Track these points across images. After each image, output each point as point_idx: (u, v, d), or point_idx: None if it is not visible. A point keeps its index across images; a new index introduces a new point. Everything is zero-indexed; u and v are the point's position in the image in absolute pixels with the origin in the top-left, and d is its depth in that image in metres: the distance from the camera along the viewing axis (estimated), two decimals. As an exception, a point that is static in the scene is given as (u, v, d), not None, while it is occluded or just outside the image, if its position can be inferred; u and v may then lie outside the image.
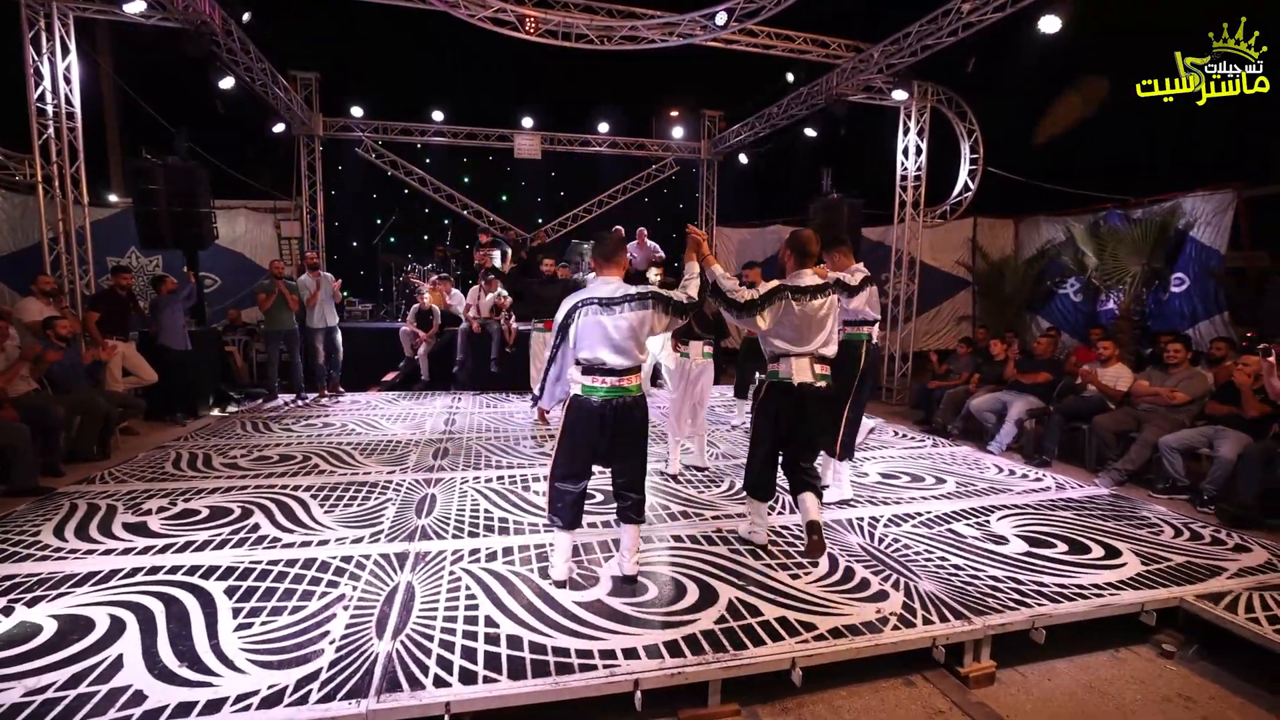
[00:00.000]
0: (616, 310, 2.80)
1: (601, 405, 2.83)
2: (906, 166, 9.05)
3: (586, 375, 2.85)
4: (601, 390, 2.83)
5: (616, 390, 2.84)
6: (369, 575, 3.01)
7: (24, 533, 3.49)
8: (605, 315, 2.80)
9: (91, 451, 5.24)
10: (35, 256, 7.35)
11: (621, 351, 2.81)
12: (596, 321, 2.80)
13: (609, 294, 2.83)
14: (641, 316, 2.84)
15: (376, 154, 11.63)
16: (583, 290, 2.89)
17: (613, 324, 2.79)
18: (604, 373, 2.82)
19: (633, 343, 2.83)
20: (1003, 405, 5.82)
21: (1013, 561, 3.27)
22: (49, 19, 6.87)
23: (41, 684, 2.19)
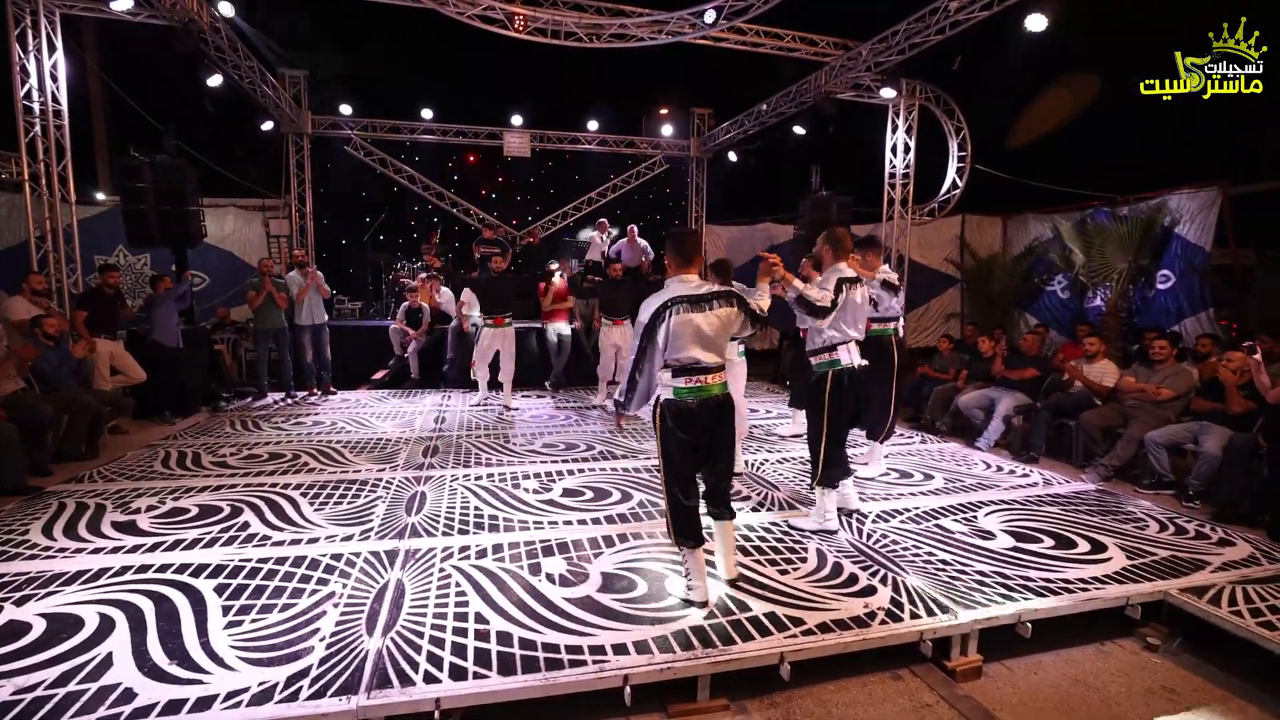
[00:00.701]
0: (706, 307, 2.75)
1: (699, 406, 2.76)
2: (895, 164, 9.11)
3: (679, 377, 2.76)
4: (698, 391, 2.76)
5: (709, 389, 2.78)
6: (359, 573, 3.01)
7: (12, 532, 3.47)
8: (696, 313, 2.73)
9: (80, 450, 5.20)
10: (22, 255, 7.28)
11: (714, 349, 2.77)
12: (688, 320, 2.72)
13: (694, 291, 2.76)
14: (729, 314, 2.80)
15: (365, 152, 11.58)
16: (664, 291, 2.80)
17: (705, 321, 2.73)
18: (699, 372, 2.75)
19: (723, 340, 2.81)
20: (990, 402, 5.87)
21: (1000, 556, 3.30)
22: (35, 16, 6.81)
23: (30, 682, 2.19)
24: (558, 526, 3.62)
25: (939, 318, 11.04)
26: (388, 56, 11.55)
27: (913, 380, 7.46)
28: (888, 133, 9.14)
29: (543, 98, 11.81)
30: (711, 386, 2.78)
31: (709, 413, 2.77)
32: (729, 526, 2.98)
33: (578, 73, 10.66)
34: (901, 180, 9.07)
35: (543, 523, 3.67)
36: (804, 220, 8.81)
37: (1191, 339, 6.48)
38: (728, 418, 2.85)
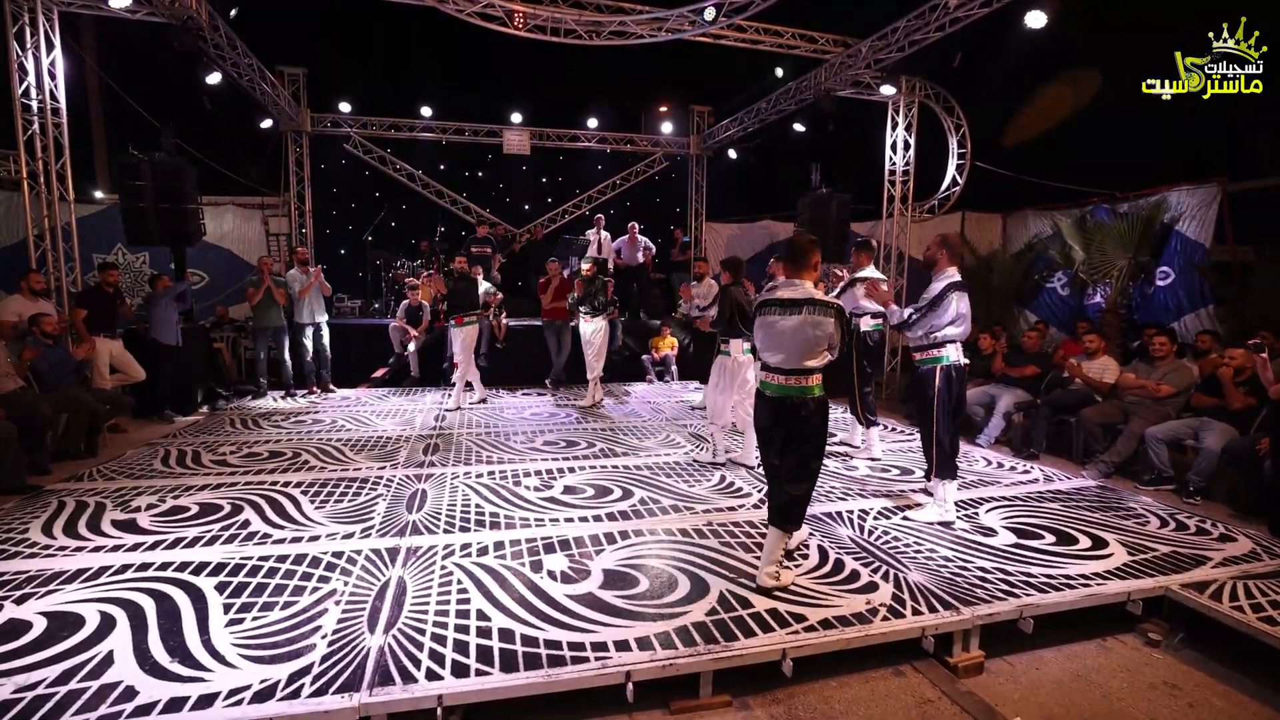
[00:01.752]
0: (792, 313, 2.85)
1: (772, 400, 2.91)
2: (895, 162, 9.09)
3: (763, 372, 3.00)
4: (772, 386, 2.92)
5: (785, 389, 2.88)
6: (360, 570, 3.01)
7: (12, 530, 3.46)
8: (779, 317, 2.89)
9: (79, 449, 5.20)
10: (20, 253, 7.25)
11: (789, 352, 2.86)
12: (770, 322, 2.91)
13: (789, 296, 2.89)
14: (817, 322, 2.83)
15: (364, 150, 11.55)
16: (768, 291, 3.05)
17: (784, 326, 2.86)
18: (773, 370, 2.91)
19: (802, 345, 2.84)
20: (991, 398, 5.87)
21: (1001, 552, 3.30)
22: (33, 14, 6.78)
23: (31, 680, 2.18)
24: (559, 524, 3.62)
25: (938, 315, 11.03)
26: (387, 54, 11.50)
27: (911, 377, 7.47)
28: (887, 130, 9.11)
29: (542, 95, 11.79)
30: (789, 387, 2.87)
31: (782, 409, 2.88)
32: (771, 533, 2.94)
33: (577, 70, 10.63)
34: (901, 177, 9.05)
35: (544, 520, 3.67)
36: (803, 218, 8.80)
37: (1191, 336, 6.48)
38: (800, 423, 2.84)
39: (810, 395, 2.86)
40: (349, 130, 11.20)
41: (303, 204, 10.89)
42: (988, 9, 6.44)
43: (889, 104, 9.08)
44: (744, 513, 3.84)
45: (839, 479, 4.57)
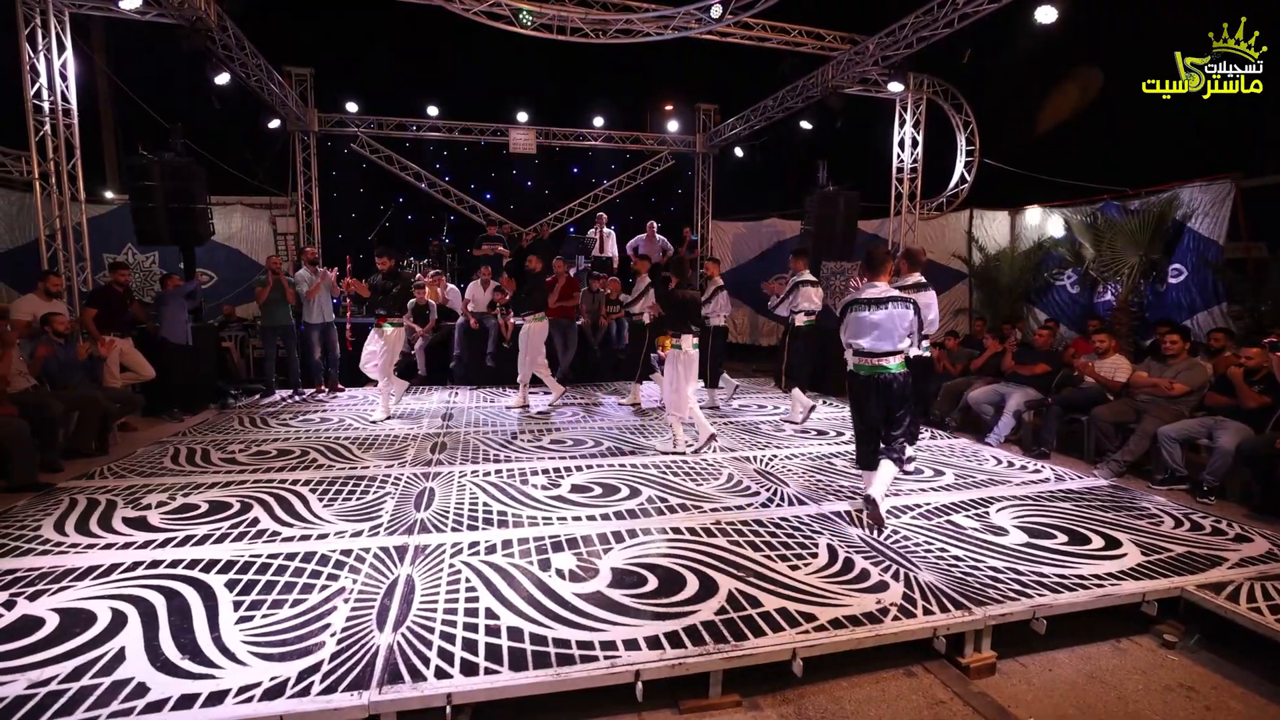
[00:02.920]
0: (879, 309, 3.64)
1: (866, 379, 3.70)
2: (902, 159, 9.06)
3: (856, 356, 3.75)
4: (865, 368, 3.70)
5: (877, 368, 3.67)
6: (369, 568, 3.01)
7: (25, 528, 3.49)
8: (869, 312, 3.66)
9: (90, 447, 5.23)
10: (32, 253, 7.32)
11: (878, 339, 3.63)
12: (860, 317, 3.69)
13: (874, 295, 3.68)
14: (900, 314, 3.63)
15: (371, 149, 11.59)
16: (855, 292, 3.83)
17: (874, 319, 3.63)
18: (865, 355, 3.69)
19: (890, 332, 3.62)
20: (1001, 397, 5.83)
21: (1013, 552, 3.27)
22: (44, 16, 6.84)
23: (44, 676, 2.19)
24: (566, 522, 3.61)
25: (947, 313, 10.96)
26: (393, 54, 11.53)
27: (921, 376, 7.43)
28: (895, 127, 9.08)
29: (548, 94, 11.80)
30: (881, 366, 3.67)
31: (876, 384, 3.68)
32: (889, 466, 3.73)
33: (583, 69, 10.64)
34: (909, 175, 9.02)
35: (551, 518, 3.67)
36: (811, 215, 8.77)
37: (1204, 334, 6.41)
38: (895, 392, 3.67)
39: (898, 371, 3.65)
40: (356, 130, 11.24)
41: (310, 204, 10.94)
42: (996, 4, 6.40)
43: (896, 101, 9.04)
44: (752, 512, 3.83)
45: (848, 478, 4.55)
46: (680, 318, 5.15)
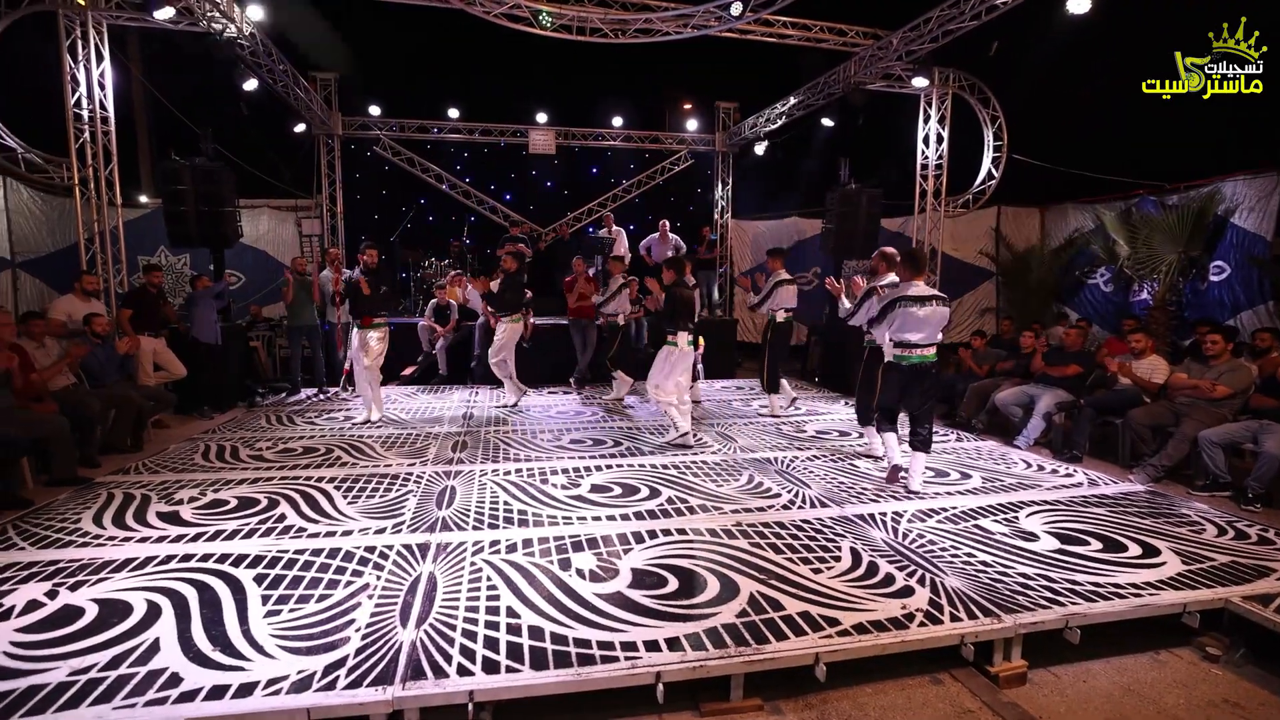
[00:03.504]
0: (924, 305, 4.07)
1: (909, 369, 4.18)
2: (927, 155, 8.90)
3: (898, 348, 4.17)
4: (908, 359, 4.16)
5: (921, 359, 4.15)
6: (392, 565, 3.04)
7: (65, 520, 3.60)
8: (916, 308, 4.07)
9: (125, 444, 5.37)
10: (72, 256, 7.54)
11: (926, 333, 4.12)
12: (909, 312, 4.08)
13: (918, 294, 4.08)
14: (941, 310, 4.12)
15: (393, 152, 11.73)
16: (898, 289, 4.16)
17: (921, 314, 4.07)
18: (910, 346, 4.14)
19: (933, 327, 4.11)
20: (1030, 399, 5.69)
21: (1044, 559, 3.19)
22: (84, 28, 7.04)
23: (85, 664, 2.26)
24: (586, 522, 3.61)
25: (972, 313, 10.77)
26: (415, 57, 11.66)
27: (946, 376, 7.30)
28: (919, 123, 8.92)
29: (567, 95, 11.82)
30: (923, 356, 4.15)
31: (914, 372, 4.18)
32: (922, 458, 4.24)
33: (602, 69, 10.63)
34: (934, 172, 8.85)
35: (571, 518, 3.67)
36: (832, 213, 8.67)
37: (1249, 333, 6.19)
38: (930, 380, 4.22)
39: (936, 361, 4.17)
40: (378, 133, 11.39)
41: (334, 205, 11.11)
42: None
43: (921, 96, 8.88)
44: (773, 513, 3.79)
45: (870, 480, 4.48)
46: (676, 315, 5.32)
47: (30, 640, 2.41)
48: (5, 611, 2.61)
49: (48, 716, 2.00)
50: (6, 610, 2.62)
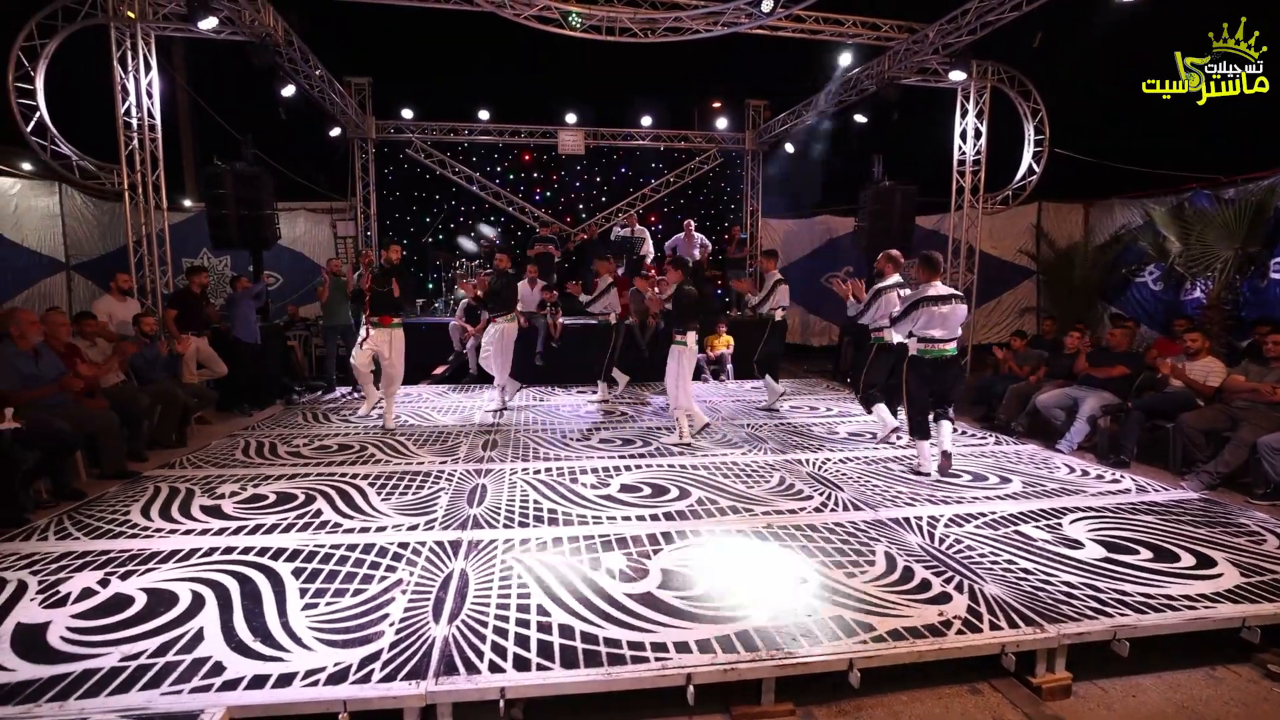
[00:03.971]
0: (944, 304, 4.41)
1: (932, 362, 4.55)
2: (965, 151, 8.68)
3: (922, 344, 4.55)
4: (932, 353, 4.53)
5: (942, 352, 4.53)
6: (424, 561, 3.08)
7: (116, 512, 3.74)
8: (939, 306, 4.41)
9: (170, 439, 5.56)
10: (122, 259, 7.84)
11: (948, 329, 4.48)
12: (933, 310, 4.42)
13: (939, 293, 4.43)
14: (960, 309, 4.48)
15: (425, 154, 11.91)
16: (920, 290, 4.50)
17: (944, 312, 4.41)
18: (934, 341, 4.50)
19: (954, 324, 4.48)
20: (1073, 401, 5.51)
21: (1089, 567, 3.07)
22: (134, 39, 7.31)
23: (135, 650, 2.34)
24: (616, 522, 3.60)
25: (1011, 312, 10.47)
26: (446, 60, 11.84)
27: (984, 377, 7.11)
28: (956, 118, 8.70)
29: (596, 95, 11.85)
30: (944, 350, 4.52)
31: (937, 364, 4.55)
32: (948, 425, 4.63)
33: (631, 68, 10.62)
34: (971, 167, 8.63)
35: (601, 518, 3.67)
36: (865, 211, 8.52)
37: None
38: (954, 371, 4.65)
39: (957, 354, 4.57)
40: (410, 135, 11.58)
41: (368, 208, 11.35)
42: (1070, -16, 6.04)
43: (958, 90, 8.67)
44: (805, 516, 3.73)
45: (906, 484, 4.38)
46: (684, 315, 5.44)
47: (85, 626, 2.51)
48: (63, 598, 2.72)
49: (101, 699, 2.08)
50: (64, 597, 2.73)
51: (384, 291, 5.85)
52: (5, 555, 3.14)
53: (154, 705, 2.05)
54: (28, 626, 2.50)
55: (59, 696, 2.09)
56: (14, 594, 2.75)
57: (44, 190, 8.76)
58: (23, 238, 8.57)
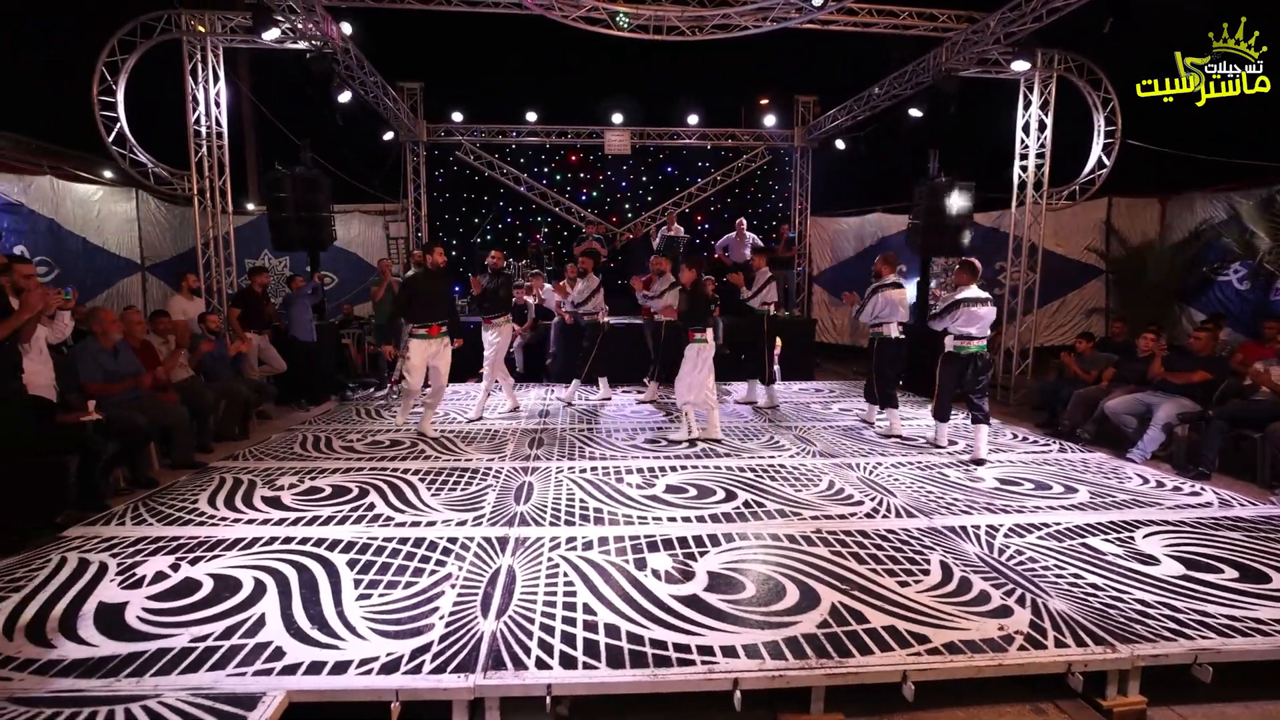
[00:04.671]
0: (982, 305, 4.93)
1: (965, 357, 5.04)
2: (1027, 144, 8.29)
3: (958, 340, 5.05)
4: (966, 349, 5.02)
5: (976, 349, 5.01)
6: (473, 557, 3.12)
7: (185, 501, 3.94)
8: (978, 308, 4.92)
9: (234, 432, 5.82)
10: (190, 260, 8.27)
11: (980, 328, 4.96)
12: (973, 311, 4.92)
13: (976, 295, 4.93)
14: (992, 311, 4.99)
15: (474, 155, 12.14)
16: (959, 292, 5.00)
17: (982, 313, 4.93)
18: (969, 339, 4.99)
19: (986, 323, 4.98)
20: (1146, 408, 5.19)
21: (1166, 585, 2.88)
22: (204, 52, 7.69)
23: (203, 633, 2.46)
24: (662, 523, 3.58)
25: (1077, 313, 9.97)
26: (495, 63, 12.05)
27: (1047, 382, 6.79)
28: (1019, 110, 8.31)
29: (642, 94, 11.86)
30: (978, 347, 5.01)
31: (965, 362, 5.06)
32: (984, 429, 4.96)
33: (677, 66, 10.59)
34: (1035, 161, 8.22)
35: (646, 518, 3.65)
36: (919, 208, 8.24)
37: None
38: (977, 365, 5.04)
39: (987, 351, 5.07)
40: (460, 138, 11.82)
41: (419, 209, 11.64)
42: (1146, -35, 5.69)
43: (1021, 81, 8.29)
44: (856, 522, 3.63)
45: (962, 490, 4.22)
46: (701, 313, 5.55)
47: (158, 608, 2.65)
48: (138, 580, 2.88)
49: (173, 678, 2.18)
50: (139, 579, 2.89)
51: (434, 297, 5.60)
52: (89, 539, 3.35)
53: (220, 685, 2.14)
54: (108, 605, 2.66)
55: (136, 673, 2.21)
56: (96, 574, 2.93)
57: (122, 196, 9.32)
58: (104, 241, 9.14)
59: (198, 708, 2.03)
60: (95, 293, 8.89)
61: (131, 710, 2.01)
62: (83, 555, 3.13)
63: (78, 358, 4.41)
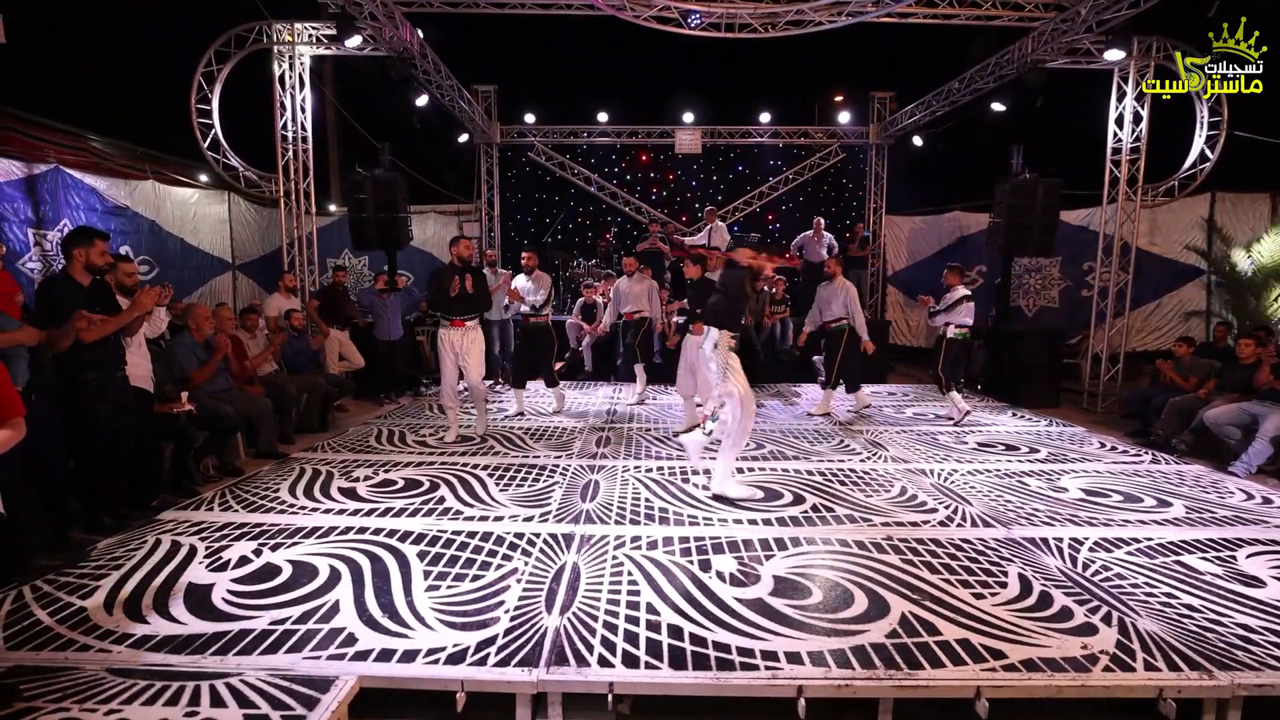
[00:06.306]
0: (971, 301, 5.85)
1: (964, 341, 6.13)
2: (1121, 138, 7.75)
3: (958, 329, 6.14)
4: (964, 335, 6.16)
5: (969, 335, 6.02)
6: (539, 553, 3.19)
7: (268, 489, 4.18)
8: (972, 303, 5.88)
9: (314, 424, 6.15)
10: (277, 259, 8.81)
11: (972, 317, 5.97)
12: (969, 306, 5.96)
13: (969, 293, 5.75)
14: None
15: (546, 156, 12.37)
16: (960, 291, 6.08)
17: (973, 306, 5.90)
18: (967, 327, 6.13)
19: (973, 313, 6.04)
20: (1252, 418, 4.78)
21: (1273, 610, 2.65)
22: (291, 60, 8.18)
23: (282, 616, 2.61)
24: (727, 524, 3.56)
25: (1174, 317, 9.24)
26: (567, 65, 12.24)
27: (1139, 388, 6.35)
28: (1112, 101, 7.77)
29: (713, 93, 11.79)
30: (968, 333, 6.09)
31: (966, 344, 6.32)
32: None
33: (749, 64, 10.47)
34: (1129, 156, 7.66)
35: (712, 519, 3.64)
36: (1001, 206, 7.84)
37: None
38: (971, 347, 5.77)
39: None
40: (532, 139, 12.07)
41: (492, 209, 11.99)
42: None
43: (1114, 71, 7.75)
44: (928, 530, 3.50)
45: (1042, 499, 4.00)
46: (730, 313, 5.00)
47: (241, 590, 2.82)
48: (225, 563, 3.09)
49: (254, 658, 2.32)
50: (225, 562, 3.10)
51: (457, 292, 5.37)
52: (180, 522, 3.61)
53: (297, 668, 2.27)
54: (197, 586, 2.86)
55: (220, 651, 2.36)
56: (186, 556, 3.15)
57: (216, 199, 10.01)
58: (199, 241, 9.83)
59: (276, 687, 2.14)
60: (190, 290, 9.58)
61: (216, 687, 2.14)
62: (175, 538, 3.36)
63: (175, 351, 4.75)
